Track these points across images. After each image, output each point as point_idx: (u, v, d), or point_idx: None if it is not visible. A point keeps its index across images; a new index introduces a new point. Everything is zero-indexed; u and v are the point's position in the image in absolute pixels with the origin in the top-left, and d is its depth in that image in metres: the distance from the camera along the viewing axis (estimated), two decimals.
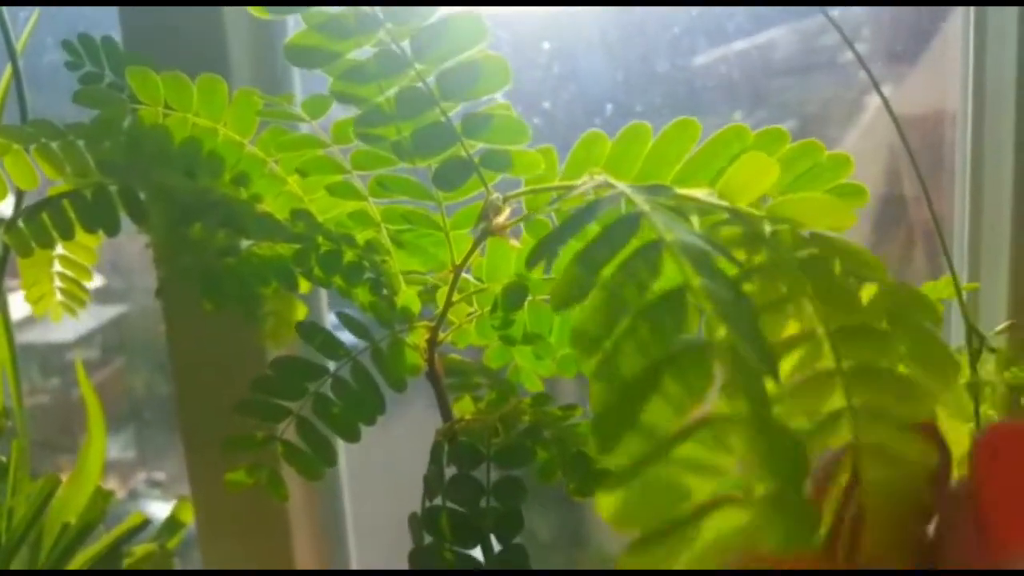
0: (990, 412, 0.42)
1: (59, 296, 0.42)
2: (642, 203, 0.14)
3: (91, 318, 0.91)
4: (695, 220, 0.17)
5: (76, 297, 0.44)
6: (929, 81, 0.57)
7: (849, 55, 0.63)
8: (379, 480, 0.61)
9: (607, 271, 0.14)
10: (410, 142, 0.27)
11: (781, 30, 0.59)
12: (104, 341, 0.96)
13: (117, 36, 0.41)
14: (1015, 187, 0.47)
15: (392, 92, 0.26)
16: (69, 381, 0.90)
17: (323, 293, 0.49)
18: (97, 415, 0.47)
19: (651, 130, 0.27)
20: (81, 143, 0.34)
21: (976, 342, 0.39)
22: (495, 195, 0.26)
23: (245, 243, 0.35)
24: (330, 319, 0.52)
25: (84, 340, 0.92)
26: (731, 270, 0.16)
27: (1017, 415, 0.42)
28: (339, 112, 0.30)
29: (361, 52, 0.26)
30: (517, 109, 0.28)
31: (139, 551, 0.47)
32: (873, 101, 0.61)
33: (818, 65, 0.59)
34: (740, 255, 0.17)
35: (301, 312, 0.40)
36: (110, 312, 0.93)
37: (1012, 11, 0.46)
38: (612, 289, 0.13)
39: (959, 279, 0.39)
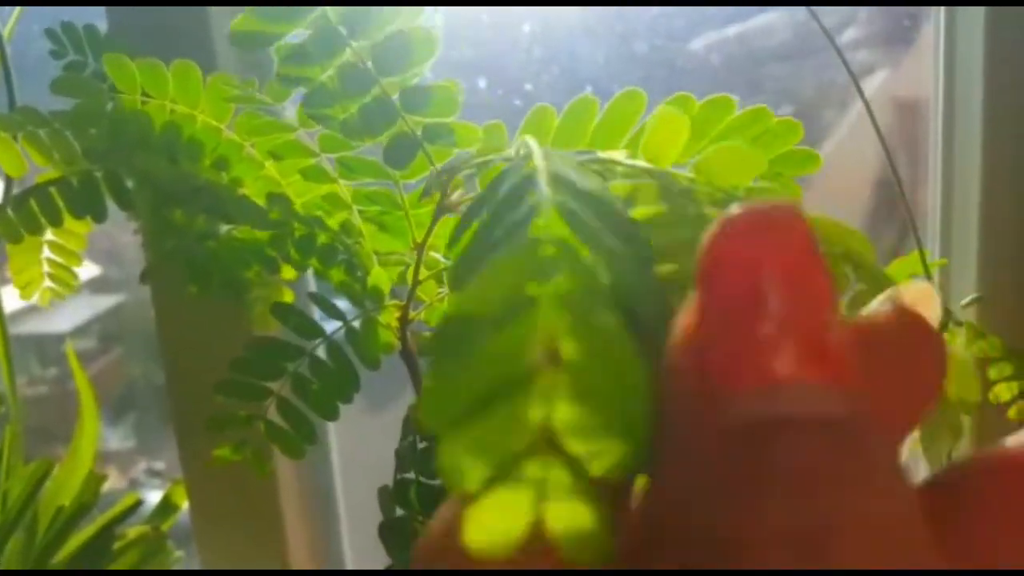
0: (960, 388, 0.43)
1: (48, 282, 0.44)
2: (541, 165, 0.15)
3: (88, 308, 0.93)
4: (620, 182, 0.18)
5: (65, 283, 0.46)
6: (925, 64, 0.58)
7: (845, 39, 0.65)
8: (370, 465, 0.63)
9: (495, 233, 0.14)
10: (356, 120, 0.28)
11: (775, 14, 0.60)
12: (101, 331, 0.99)
13: (103, 27, 0.43)
14: (983, 166, 0.49)
15: (332, 71, 0.27)
16: (67, 371, 0.92)
17: (311, 278, 0.51)
18: (89, 400, 0.49)
19: (598, 103, 0.28)
20: (67, 131, 0.36)
21: (943, 316, 0.40)
22: (435, 168, 0.28)
23: (226, 228, 0.37)
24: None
25: (81, 330, 0.95)
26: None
27: (985, 391, 0.44)
28: None
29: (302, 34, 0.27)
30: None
31: (132, 532, 0.49)
32: (868, 86, 0.62)
33: (813, 50, 0.61)
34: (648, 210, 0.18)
35: (287, 297, 0.41)
36: (107, 302, 0.95)
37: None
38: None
39: (929, 254, 0.40)
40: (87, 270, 0.87)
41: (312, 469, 0.57)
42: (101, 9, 0.44)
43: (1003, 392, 0.45)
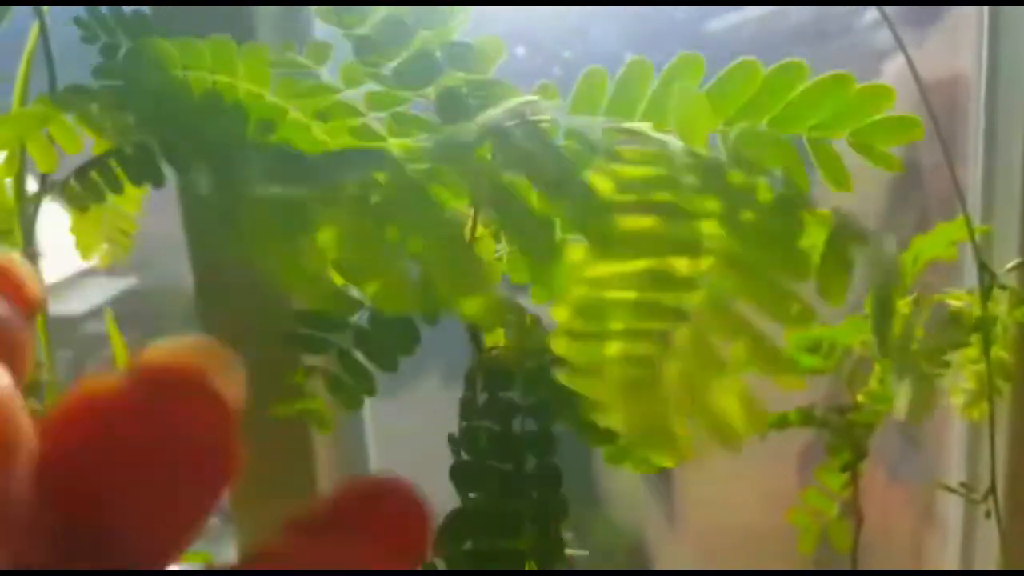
0: (1001, 353, 0.45)
1: (105, 244, 0.46)
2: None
3: (103, 290, 0.94)
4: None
5: (121, 244, 0.48)
6: (948, 45, 0.60)
7: (865, 19, 0.66)
8: (403, 441, 0.65)
9: None
10: (405, 69, 0.30)
11: None
12: (116, 313, 1.00)
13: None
14: None
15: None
16: (82, 354, 0.93)
17: None
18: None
19: (652, 67, 0.29)
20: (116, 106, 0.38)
21: (987, 279, 0.41)
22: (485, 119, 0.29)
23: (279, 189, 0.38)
24: None
25: (96, 312, 0.96)
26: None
27: None
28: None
29: None
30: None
31: None
32: (889, 68, 0.64)
33: (833, 31, 0.62)
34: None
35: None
36: (122, 284, 0.96)
37: None
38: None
39: (972, 221, 0.41)
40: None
41: (347, 445, 0.59)
42: None
43: None
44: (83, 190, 0.37)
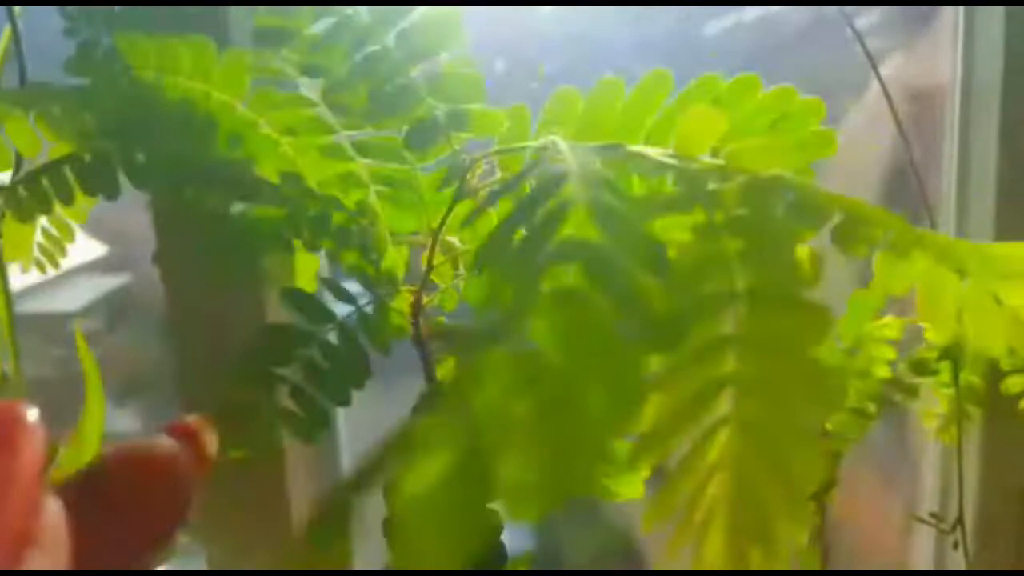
0: (972, 378, 0.44)
1: (36, 252, 0.44)
2: (572, 163, 0.16)
3: (95, 288, 0.93)
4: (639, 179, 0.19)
5: (51, 257, 0.46)
6: (940, 51, 0.58)
7: (859, 25, 0.65)
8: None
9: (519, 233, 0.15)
10: (379, 104, 0.28)
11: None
12: (108, 311, 0.99)
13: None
14: (999, 153, 0.49)
15: (357, 59, 0.27)
16: (73, 352, 0.92)
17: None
18: (95, 382, 0.50)
19: (623, 85, 0.29)
20: (80, 108, 0.36)
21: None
22: (463, 156, 0.28)
23: (240, 207, 0.37)
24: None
25: (88, 310, 0.95)
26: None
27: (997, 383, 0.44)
28: None
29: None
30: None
31: None
32: (881, 70, 0.63)
33: (827, 36, 0.61)
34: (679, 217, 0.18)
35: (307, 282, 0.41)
36: (114, 282, 0.95)
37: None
38: (519, 252, 0.15)
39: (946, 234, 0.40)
40: (94, 250, 0.87)
41: (319, 453, 0.58)
42: None
43: (1014, 384, 0.45)
44: (30, 198, 0.35)
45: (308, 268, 0.38)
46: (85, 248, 0.82)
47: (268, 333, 0.35)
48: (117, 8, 0.36)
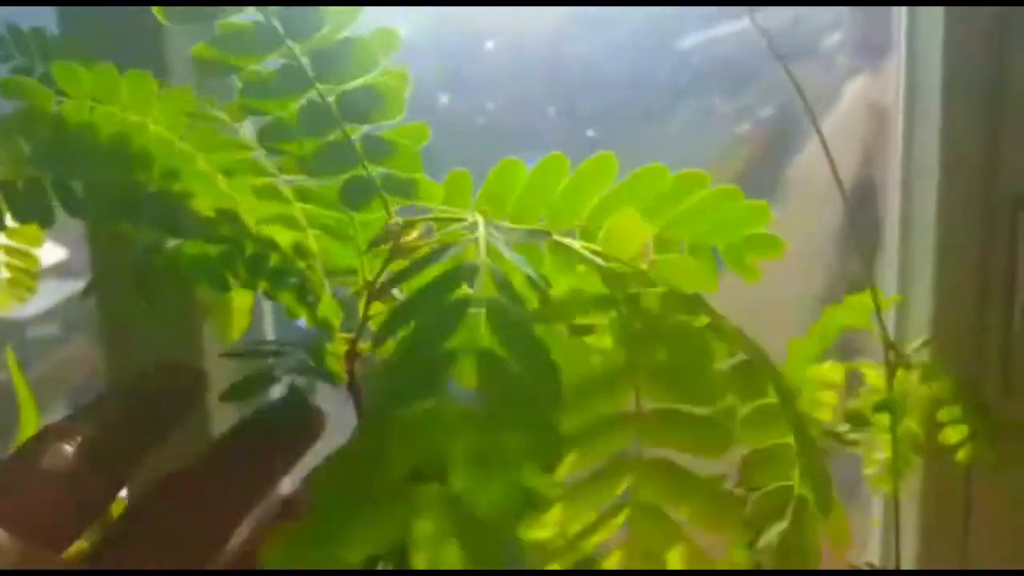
0: (912, 425, 0.43)
1: (6, 287, 0.42)
2: (483, 258, 0.15)
3: (53, 293, 0.90)
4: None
5: (23, 284, 0.45)
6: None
7: (829, 43, 0.65)
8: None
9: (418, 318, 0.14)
10: (314, 159, 0.27)
11: (761, 17, 0.59)
12: (67, 317, 0.96)
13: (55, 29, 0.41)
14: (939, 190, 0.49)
15: (295, 107, 0.26)
16: (30, 358, 0.90)
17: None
18: (27, 399, 0.48)
19: (568, 164, 0.28)
20: (13, 133, 0.34)
21: (893, 357, 0.40)
22: (396, 220, 0.27)
23: (175, 241, 0.35)
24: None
25: (46, 316, 0.92)
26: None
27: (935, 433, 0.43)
28: None
29: (270, 63, 0.26)
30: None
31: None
32: (848, 89, 0.63)
33: (801, 51, 0.60)
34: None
35: (242, 318, 0.39)
36: (73, 287, 0.92)
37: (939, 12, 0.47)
38: (415, 339, 0.14)
39: (881, 292, 0.39)
40: (53, 254, 0.84)
41: None
42: (51, 10, 0.42)
43: (952, 435, 0.45)
44: None
45: (243, 303, 0.36)
46: (46, 253, 0.80)
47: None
48: (50, 35, 0.34)
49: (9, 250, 0.41)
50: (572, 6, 0.53)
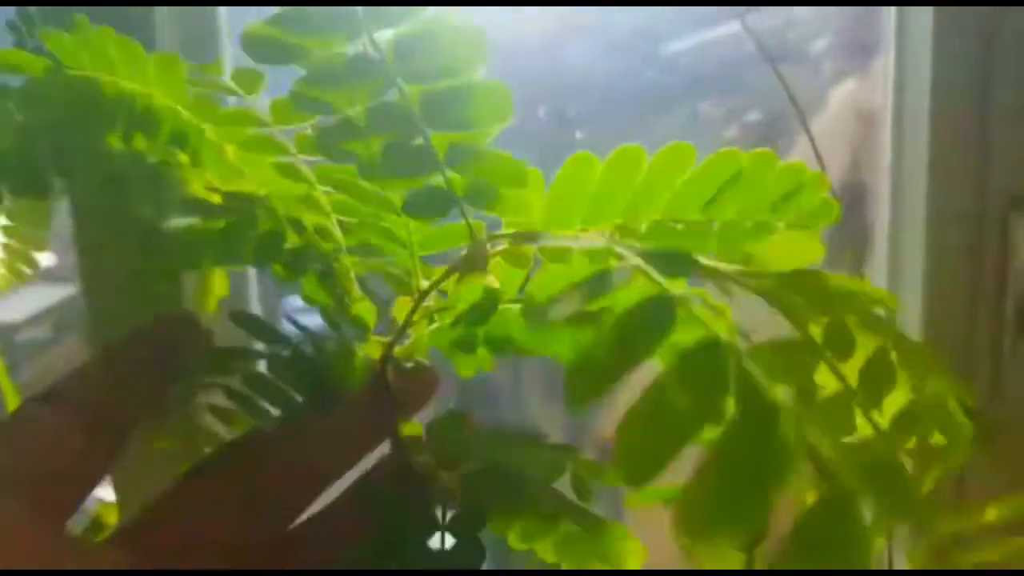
0: None
1: (2, 269, 0.40)
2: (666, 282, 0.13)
3: (42, 297, 0.88)
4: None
5: (16, 271, 0.42)
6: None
7: (817, 47, 0.65)
8: None
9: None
10: (382, 162, 0.24)
11: (751, 20, 0.59)
12: (57, 320, 0.94)
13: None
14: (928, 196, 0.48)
15: (366, 105, 0.23)
16: (19, 361, 0.87)
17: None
18: (14, 402, 0.46)
19: (644, 154, 0.26)
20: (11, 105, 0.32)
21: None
22: (483, 240, 0.24)
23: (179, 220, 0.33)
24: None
25: (35, 319, 0.89)
26: None
27: None
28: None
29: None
30: None
31: None
32: (835, 93, 0.63)
33: (791, 55, 0.60)
34: None
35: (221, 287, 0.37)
36: (62, 291, 0.90)
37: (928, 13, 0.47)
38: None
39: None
40: (42, 259, 0.82)
41: None
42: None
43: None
44: None
45: (218, 288, 0.35)
46: None
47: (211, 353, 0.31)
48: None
49: (12, 231, 0.40)
50: (566, 7, 0.52)
